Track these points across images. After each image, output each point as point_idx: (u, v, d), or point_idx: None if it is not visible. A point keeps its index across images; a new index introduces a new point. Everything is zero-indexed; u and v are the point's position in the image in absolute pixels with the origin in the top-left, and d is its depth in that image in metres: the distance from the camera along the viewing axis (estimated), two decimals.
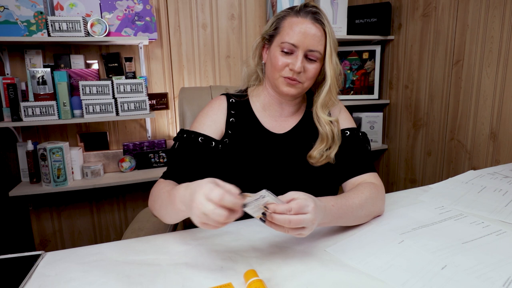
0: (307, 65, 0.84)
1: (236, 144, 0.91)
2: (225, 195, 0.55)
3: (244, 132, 0.92)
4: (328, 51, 0.84)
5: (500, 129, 1.57)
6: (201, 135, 0.88)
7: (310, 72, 0.85)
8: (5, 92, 1.66)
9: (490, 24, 1.57)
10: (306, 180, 0.91)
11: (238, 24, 2.13)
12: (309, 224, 0.62)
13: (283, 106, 0.94)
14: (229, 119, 0.92)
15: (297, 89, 0.86)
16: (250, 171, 0.89)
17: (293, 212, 0.60)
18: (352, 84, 2.26)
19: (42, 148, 1.67)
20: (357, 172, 0.89)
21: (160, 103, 2.02)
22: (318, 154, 0.89)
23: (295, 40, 0.82)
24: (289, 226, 0.60)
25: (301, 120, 0.95)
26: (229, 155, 0.90)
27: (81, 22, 1.68)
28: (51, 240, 1.98)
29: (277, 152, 0.91)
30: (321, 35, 0.83)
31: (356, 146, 0.92)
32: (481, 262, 0.63)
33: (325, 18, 0.85)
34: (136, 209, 2.09)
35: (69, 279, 0.60)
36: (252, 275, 0.56)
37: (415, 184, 2.08)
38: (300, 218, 0.60)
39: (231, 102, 0.94)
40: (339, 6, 2.06)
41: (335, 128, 0.91)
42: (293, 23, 0.83)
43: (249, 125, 0.93)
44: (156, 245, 0.72)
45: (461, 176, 1.12)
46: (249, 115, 0.94)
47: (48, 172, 1.69)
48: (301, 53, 0.83)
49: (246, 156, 0.90)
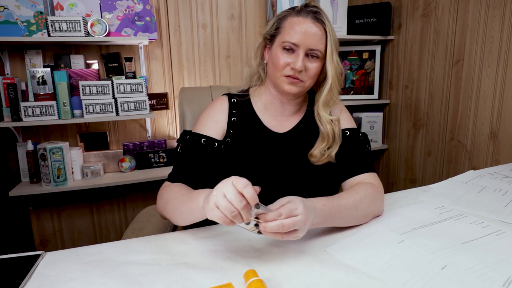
0: (308, 64, 0.85)
1: (238, 144, 0.92)
2: (249, 187, 0.58)
3: (246, 131, 0.93)
4: (329, 50, 0.85)
5: (500, 129, 1.57)
6: (203, 137, 0.89)
7: (311, 71, 0.85)
8: (5, 92, 1.66)
9: (490, 24, 1.57)
10: (307, 179, 0.91)
11: (238, 24, 2.13)
12: (301, 225, 0.63)
13: (285, 106, 0.95)
14: (230, 119, 0.93)
15: (298, 88, 0.87)
16: (252, 170, 0.90)
17: (284, 216, 0.61)
18: (352, 84, 2.26)
19: (42, 148, 1.67)
20: (355, 172, 0.90)
21: (160, 103, 2.02)
22: (319, 153, 0.89)
23: (296, 39, 0.83)
24: (283, 231, 0.61)
25: (302, 119, 0.96)
26: (232, 154, 0.91)
27: (81, 22, 1.68)
28: (51, 240, 1.98)
29: (278, 151, 0.92)
30: (321, 34, 0.84)
31: (356, 146, 0.93)
32: (481, 262, 0.63)
33: (326, 18, 0.85)
34: (136, 209, 2.08)
35: (69, 279, 0.60)
36: (252, 275, 0.56)
37: (415, 184, 2.08)
38: (291, 221, 0.61)
39: (233, 102, 0.95)
40: (339, 6, 2.06)
41: (336, 127, 0.91)
42: (294, 22, 0.84)
43: (251, 125, 0.94)
44: (156, 245, 0.72)
45: (461, 176, 1.12)
46: (250, 115, 0.95)
47: (48, 172, 1.69)
48: (302, 52, 0.83)
49: (248, 155, 0.91)
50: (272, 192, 0.90)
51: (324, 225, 0.73)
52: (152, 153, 1.98)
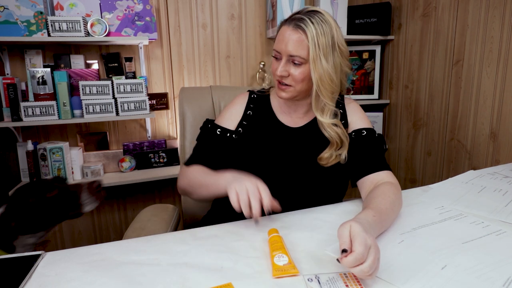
0: (292, 70, 0.89)
1: (250, 134, 0.98)
2: (268, 197, 0.73)
3: (259, 123, 1.00)
4: (312, 55, 0.86)
5: (500, 129, 1.57)
6: (219, 127, 0.99)
7: (296, 76, 0.89)
8: (5, 92, 1.66)
9: (490, 24, 1.57)
10: (315, 174, 0.93)
11: (238, 24, 2.13)
12: (377, 247, 0.58)
13: (294, 107, 0.99)
14: (246, 112, 1.01)
15: (288, 93, 0.92)
16: (262, 160, 0.94)
17: (366, 256, 0.55)
18: (352, 84, 2.26)
19: (42, 148, 1.68)
20: (373, 169, 0.91)
21: (160, 103, 2.02)
22: (327, 156, 0.92)
23: (278, 47, 0.89)
24: (372, 270, 0.56)
25: (315, 119, 0.98)
26: (243, 144, 0.98)
27: (81, 22, 1.68)
28: (51, 240, 1.98)
29: (289, 144, 0.96)
30: (302, 40, 0.86)
31: (373, 145, 0.95)
32: (481, 262, 0.63)
33: (310, 24, 0.85)
34: (136, 209, 2.08)
35: (69, 279, 0.60)
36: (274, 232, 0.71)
37: (415, 184, 2.08)
38: (372, 260, 0.55)
39: (252, 98, 1.04)
40: (339, 6, 2.06)
41: (339, 129, 0.93)
42: (280, 32, 0.91)
43: (265, 118, 1.00)
44: (156, 245, 0.72)
45: (461, 176, 1.12)
46: (267, 109, 1.02)
47: (48, 172, 1.69)
48: (284, 59, 0.89)
49: (258, 146, 0.96)
50: (280, 184, 0.92)
51: (376, 235, 0.70)
52: (152, 153, 1.98)
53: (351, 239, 0.57)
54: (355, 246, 0.55)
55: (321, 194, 0.95)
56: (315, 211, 0.87)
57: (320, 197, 0.95)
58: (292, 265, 0.61)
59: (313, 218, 0.83)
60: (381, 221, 0.72)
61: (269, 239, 0.69)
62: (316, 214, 0.85)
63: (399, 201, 0.83)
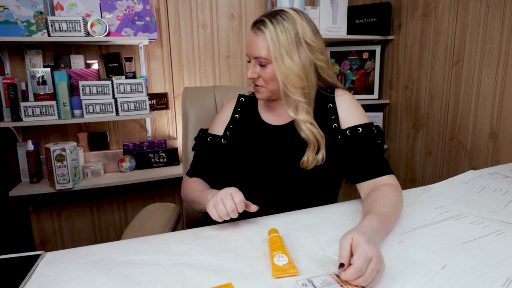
0: (261, 71, 0.91)
1: (236, 137, 1.00)
2: (239, 199, 0.75)
3: (244, 125, 1.02)
4: (273, 54, 0.87)
5: (500, 129, 1.57)
6: (210, 135, 1.03)
7: (265, 77, 0.90)
8: (5, 92, 1.66)
9: (490, 24, 1.57)
10: (299, 173, 0.91)
11: (238, 24, 2.13)
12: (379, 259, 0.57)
13: (275, 105, 1.00)
14: (234, 116, 1.04)
15: (262, 94, 0.94)
16: (247, 159, 0.95)
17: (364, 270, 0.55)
18: (352, 84, 2.26)
19: (59, 149, 1.64)
20: (375, 174, 0.88)
21: (160, 103, 2.02)
22: (306, 158, 0.89)
23: (246, 51, 0.93)
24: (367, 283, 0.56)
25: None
26: (230, 148, 1.00)
27: (81, 22, 1.68)
28: (51, 240, 1.98)
29: (272, 143, 0.96)
30: (262, 41, 0.88)
31: (371, 145, 0.90)
32: (481, 262, 0.63)
33: (269, 24, 0.86)
34: (136, 209, 2.08)
35: (69, 279, 0.60)
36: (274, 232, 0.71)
37: (415, 184, 2.08)
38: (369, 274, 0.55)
39: (240, 101, 1.06)
40: (339, 6, 2.06)
41: (314, 128, 0.90)
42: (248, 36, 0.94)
43: (250, 119, 1.02)
44: (156, 245, 0.72)
45: (461, 176, 1.12)
46: (252, 111, 1.03)
47: (67, 172, 1.67)
48: (253, 61, 0.91)
49: (243, 147, 0.97)
50: (264, 182, 0.94)
51: (380, 241, 0.70)
52: (152, 153, 1.98)
53: (352, 251, 0.57)
54: (354, 259, 0.55)
55: (309, 193, 0.94)
56: (315, 211, 0.87)
57: (309, 195, 0.93)
58: (292, 265, 0.61)
59: (313, 218, 0.83)
60: (385, 226, 0.71)
61: (269, 239, 0.70)
62: (316, 214, 0.86)
63: (401, 203, 0.82)
